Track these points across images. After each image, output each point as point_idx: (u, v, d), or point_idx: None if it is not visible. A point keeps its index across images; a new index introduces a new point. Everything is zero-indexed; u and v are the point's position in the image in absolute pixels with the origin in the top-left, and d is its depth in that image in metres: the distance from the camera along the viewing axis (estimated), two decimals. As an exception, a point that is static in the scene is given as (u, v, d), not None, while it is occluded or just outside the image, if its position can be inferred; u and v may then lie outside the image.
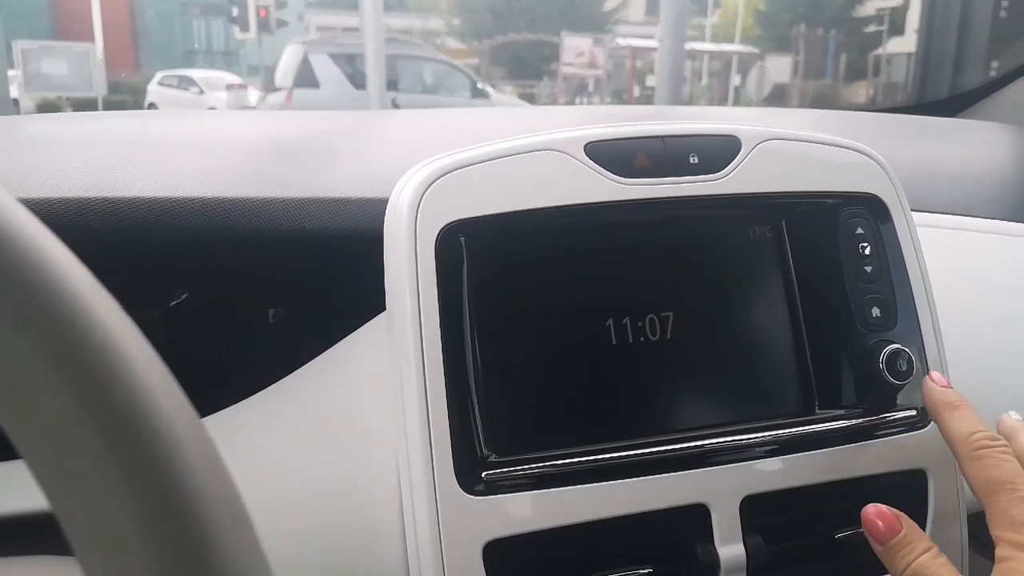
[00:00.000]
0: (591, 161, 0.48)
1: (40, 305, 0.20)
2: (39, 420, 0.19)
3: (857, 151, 0.53)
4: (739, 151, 0.51)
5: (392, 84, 7.31)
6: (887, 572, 0.50)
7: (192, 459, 0.20)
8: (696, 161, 0.50)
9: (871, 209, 0.53)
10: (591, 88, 14.98)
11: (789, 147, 0.52)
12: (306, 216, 0.53)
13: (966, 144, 0.95)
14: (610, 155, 0.48)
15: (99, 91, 8.80)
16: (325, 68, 7.59)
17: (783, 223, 0.52)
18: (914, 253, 0.53)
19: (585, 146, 0.48)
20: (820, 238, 0.52)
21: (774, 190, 0.51)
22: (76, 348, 0.20)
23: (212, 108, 11.20)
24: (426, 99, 7.96)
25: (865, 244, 0.52)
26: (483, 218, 0.46)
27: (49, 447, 0.20)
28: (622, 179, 0.48)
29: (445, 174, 0.46)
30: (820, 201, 0.52)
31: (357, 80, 7.34)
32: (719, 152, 0.50)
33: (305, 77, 7.47)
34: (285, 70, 7.73)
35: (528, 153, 0.48)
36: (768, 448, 0.48)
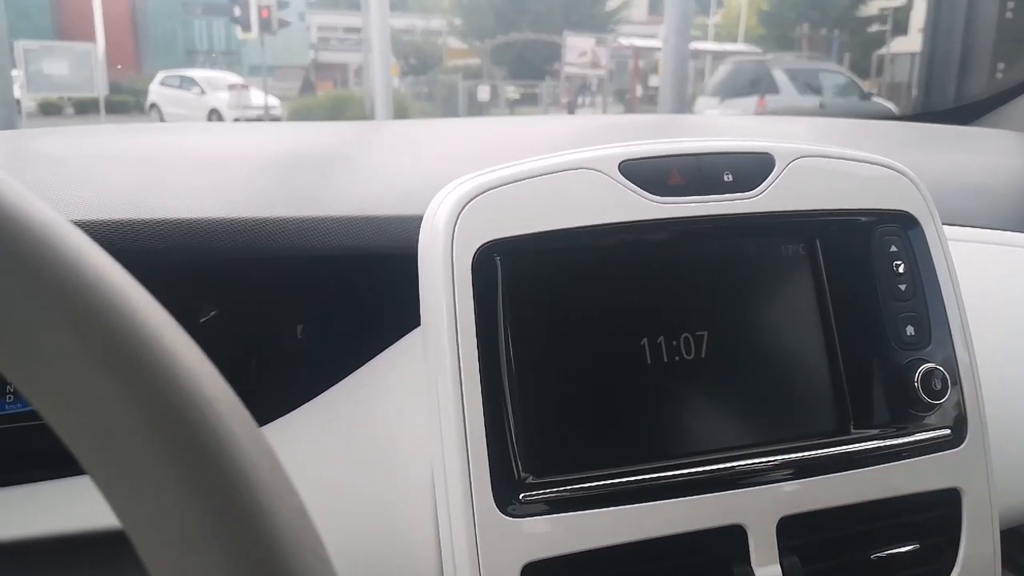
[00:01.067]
0: (625, 179, 0.48)
1: (121, 343, 0.20)
2: (116, 444, 0.20)
3: (888, 167, 0.53)
4: (773, 168, 0.50)
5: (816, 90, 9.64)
6: None
7: (268, 487, 0.21)
8: (730, 179, 0.49)
9: (904, 226, 0.53)
10: (594, 88, 14.98)
11: (822, 164, 0.52)
12: (334, 235, 0.53)
13: (985, 154, 0.95)
14: (644, 173, 0.48)
15: (100, 91, 8.82)
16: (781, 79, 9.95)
17: (817, 241, 0.52)
18: (947, 270, 0.53)
19: (620, 164, 0.48)
20: (854, 256, 0.52)
21: (808, 208, 0.51)
22: (160, 391, 0.20)
23: (213, 108, 11.21)
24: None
25: (899, 262, 0.52)
26: (520, 237, 0.46)
27: (125, 472, 0.20)
28: (656, 197, 0.48)
29: (481, 193, 0.46)
30: (853, 219, 0.52)
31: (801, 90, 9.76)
32: (753, 170, 0.50)
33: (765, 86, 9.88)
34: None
35: (563, 172, 0.47)
36: (804, 468, 0.48)
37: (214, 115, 11.09)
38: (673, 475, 0.46)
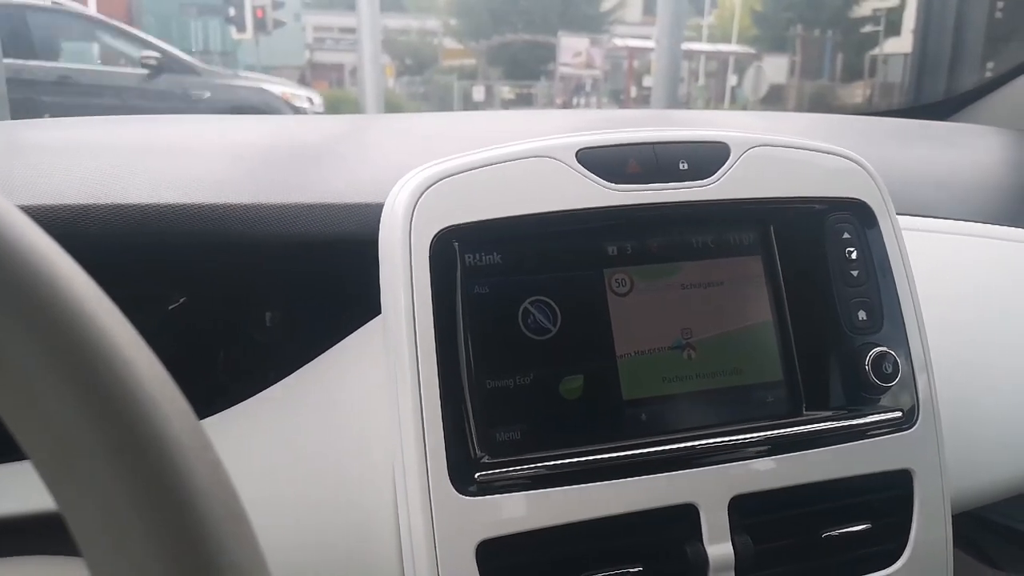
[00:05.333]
0: (583, 167, 0.49)
1: (45, 312, 0.21)
2: (46, 423, 0.20)
3: (844, 157, 0.54)
4: (728, 157, 0.51)
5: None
6: (871, 570, 0.51)
7: (193, 461, 0.21)
8: (686, 168, 0.51)
9: (858, 214, 0.54)
10: (588, 88, 15.00)
11: (777, 153, 0.53)
12: (302, 221, 0.54)
13: (957, 148, 0.96)
14: (601, 162, 0.49)
15: (96, 91, 8.78)
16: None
17: (771, 228, 0.53)
18: (900, 257, 0.54)
19: (577, 153, 0.49)
20: (807, 243, 0.53)
21: (762, 196, 0.52)
22: (82, 356, 0.21)
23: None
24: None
25: (851, 248, 0.53)
26: (477, 224, 0.47)
27: (56, 448, 0.21)
28: (613, 185, 0.49)
29: (439, 180, 0.47)
30: (807, 206, 0.53)
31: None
32: (708, 159, 0.51)
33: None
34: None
35: (521, 160, 0.49)
36: (756, 449, 0.49)
37: (209, 115, 11.03)
38: (626, 455, 0.47)
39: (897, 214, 0.56)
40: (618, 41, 15.62)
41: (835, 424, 0.50)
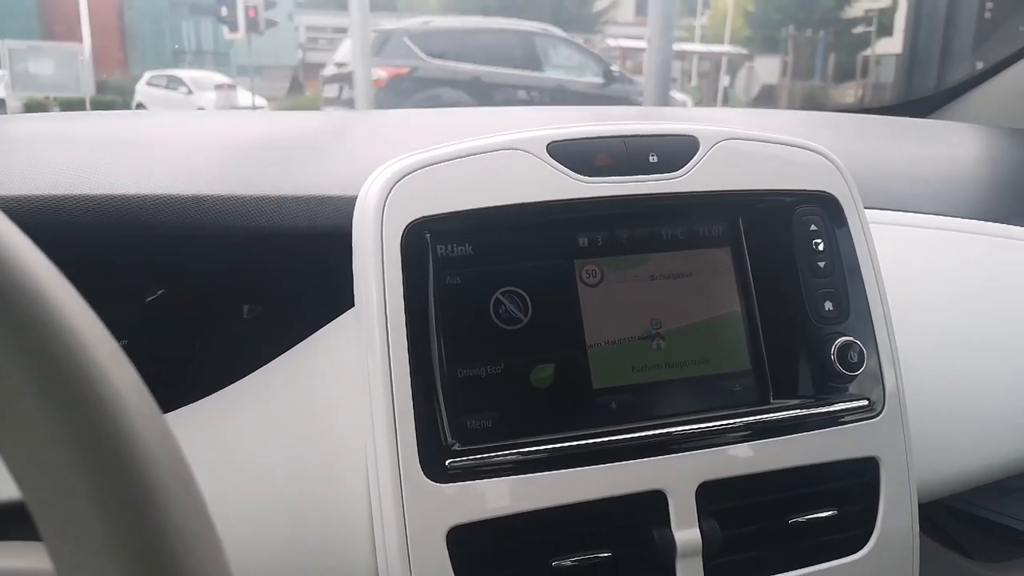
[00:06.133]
0: (553, 160, 0.50)
1: (7, 308, 0.21)
2: (9, 416, 0.21)
3: (812, 151, 0.55)
4: (697, 150, 0.52)
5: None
6: (838, 556, 0.52)
7: (143, 435, 0.22)
8: (656, 160, 0.51)
9: (825, 207, 0.55)
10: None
11: (747, 147, 0.54)
12: (279, 213, 0.54)
13: (935, 144, 0.97)
14: (572, 154, 0.50)
15: (87, 91, 8.77)
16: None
17: (740, 220, 0.54)
18: (867, 249, 0.55)
19: (547, 145, 0.50)
20: (775, 235, 0.54)
21: (731, 188, 0.53)
22: (46, 354, 0.21)
23: (201, 108, 11.17)
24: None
25: (819, 240, 0.54)
26: (448, 215, 0.48)
27: (18, 440, 0.21)
28: (583, 177, 0.50)
29: (411, 172, 0.48)
30: (776, 199, 0.54)
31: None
32: (678, 152, 0.52)
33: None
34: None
35: (492, 152, 0.49)
36: (724, 437, 0.50)
37: (201, 115, 11.02)
38: (595, 442, 0.48)
39: (873, 208, 0.56)
40: (610, 41, 15.63)
41: (802, 412, 0.51)
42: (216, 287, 0.59)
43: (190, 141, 0.68)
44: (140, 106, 11.65)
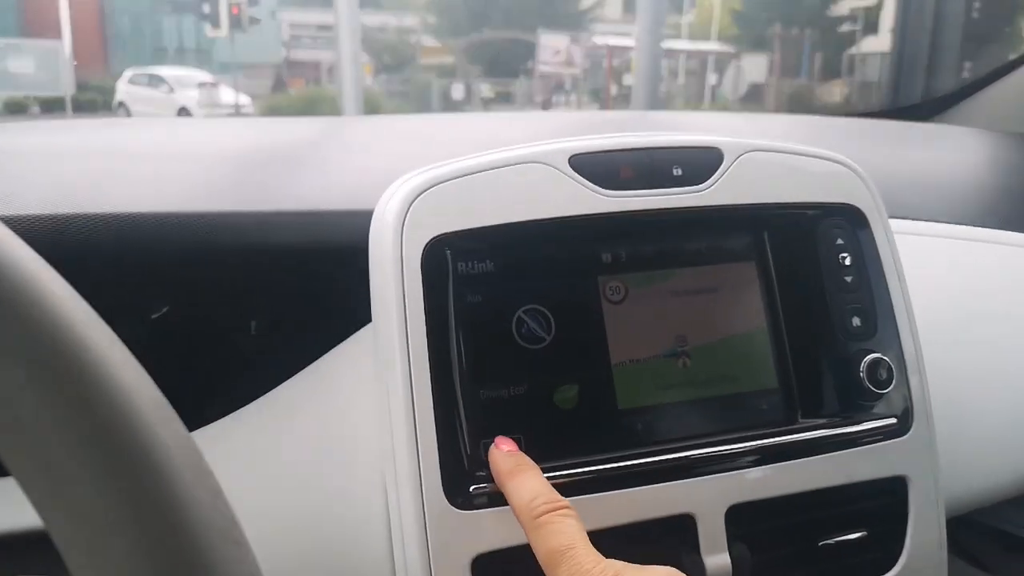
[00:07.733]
0: (576, 173, 0.48)
1: (27, 328, 0.20)
2: (29, 438, 0.19)
3: (837, 162, 0.54)
4: (721, 163, 0.51)
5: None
6: None
7: (188, 481, 0.20)
8: (680, 173, 0.50)
9: (850, 219, 0.54)
10: (568, 87, 15.02)
11: (770, 158, 0.52)
12: (286, 230, 0.53)
13: (940, 150, 0.96)
14: (594, 167, 0.49)
15: (67, 90, 8.68)
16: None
17: (765, 234, 0.53)
18: (893, 262, 0.54)
19: (570, 159, 0.48)
20: (801, 248, 0.53)
21: (755, 201, 0.51)
22: (69, 373, 0.20)
23: (183, 107, 11.07)
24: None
25: (845, 254, 0.53)
26: (469, 231, 0.46)
27: (41, 469, 0.20)
28: (606, 191, 0.48)
29: (430, 187, 0.46)
30: (800, 212, 0.53)
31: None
32: (702, 164, 0.51)
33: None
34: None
35: (513, 165, 0.48)
36: (752, 458, 0.48)
37: (183, 113, 10.94)
38: (622, 466, 0.46)
39: (892, 218, 0.55)
40: (598, 39, 15.65)
41: (830, 432, 0.50)
42: (222, 303, 0.57)
43: (186, 153, 0.66)
44: (121, 104, 11.55)
